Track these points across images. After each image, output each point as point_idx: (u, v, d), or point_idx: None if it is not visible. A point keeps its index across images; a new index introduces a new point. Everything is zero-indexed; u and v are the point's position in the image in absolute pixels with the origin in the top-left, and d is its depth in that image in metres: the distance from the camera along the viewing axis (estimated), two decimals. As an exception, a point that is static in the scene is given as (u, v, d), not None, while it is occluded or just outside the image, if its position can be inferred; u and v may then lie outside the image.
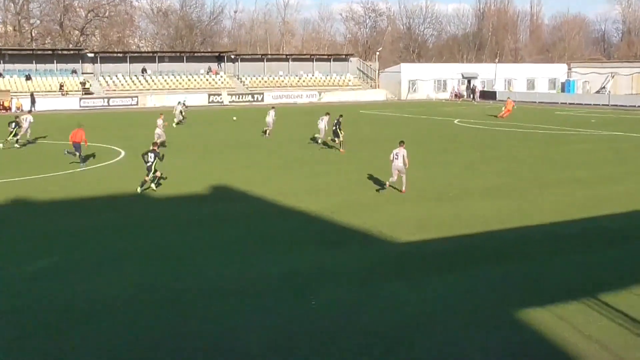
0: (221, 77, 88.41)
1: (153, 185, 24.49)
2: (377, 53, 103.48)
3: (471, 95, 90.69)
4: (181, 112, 52.01)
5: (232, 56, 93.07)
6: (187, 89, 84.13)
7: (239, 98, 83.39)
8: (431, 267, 15.16)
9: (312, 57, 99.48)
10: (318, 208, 21.12)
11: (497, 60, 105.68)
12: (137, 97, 78.65)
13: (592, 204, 21.81)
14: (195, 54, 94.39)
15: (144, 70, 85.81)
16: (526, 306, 12.58)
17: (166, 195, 23.66)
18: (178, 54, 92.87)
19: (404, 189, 23.41)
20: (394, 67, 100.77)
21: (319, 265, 15.34)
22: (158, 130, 36.29)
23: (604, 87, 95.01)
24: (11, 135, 37.97)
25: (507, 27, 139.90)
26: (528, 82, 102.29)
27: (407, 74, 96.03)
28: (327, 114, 38.64)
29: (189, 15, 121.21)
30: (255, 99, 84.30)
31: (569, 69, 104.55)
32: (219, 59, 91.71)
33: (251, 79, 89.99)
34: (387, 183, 23.64)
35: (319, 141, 37.49)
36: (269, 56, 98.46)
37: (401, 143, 23.69)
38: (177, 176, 27.26)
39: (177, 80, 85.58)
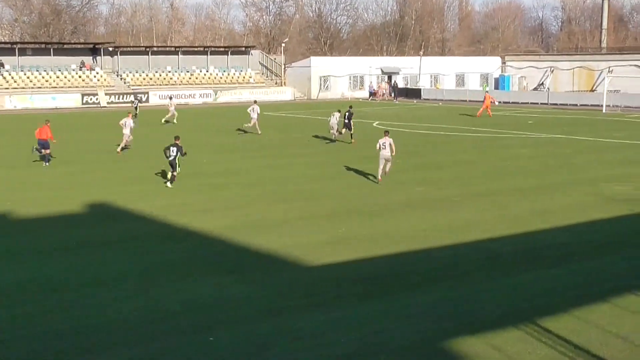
0: (97, 73, 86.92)
1: (168, 184, 28.19)
2: (283, 45, 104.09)
3: (392, 93, 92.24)
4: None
5: (110, 48, 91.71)
6: (56, 87, 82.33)
7: (119, 98, 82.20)
8: (349, 295, 15.34)
9: (206, 49, 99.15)
10: (216, 227, 21.07)
11: (421, 52, 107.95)
12: (-8, 97, 76.52)
13: (531, 217, 22.55)
14: (65, 46, 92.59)
15: (0, 65, 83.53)
16: (458, 336, 12.89)
17: (32, 216, 23.12)
18: (43, 46, 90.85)
19: (380, 177, 28.51)
20: (303, 61, 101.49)
21: (217, 295, 15.30)
22: (126, 131, 38.61)
23: (542, 84, 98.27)
24: None
25: (432, 15, 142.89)
26: (457, 78, 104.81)
27: (318, 69, 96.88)
28: (338, 110, 44.30)
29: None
30: (138, 100, 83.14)
31: (503, 62, 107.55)
32: (94, 51, 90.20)
33: (133, 75, 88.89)
34: (379, 178, 28.56)
35: (334, 137, 42.69)
36: (155, 49, 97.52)
37: (386, 133, 28.97)
38: (46, 193, 26.65)
39: (43, 77, 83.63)
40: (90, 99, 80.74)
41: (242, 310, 14.33)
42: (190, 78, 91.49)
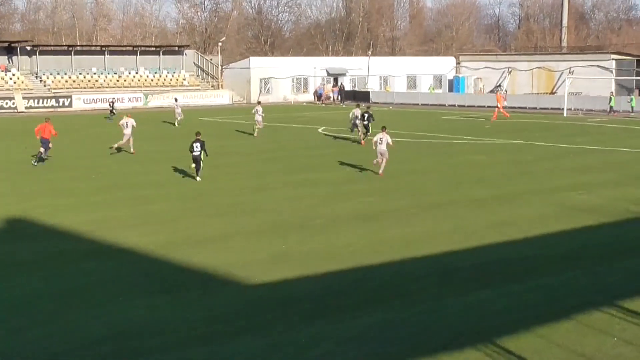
0: (13, 75, 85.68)
1: (198, 178, 31.91)
2: (220, 44, 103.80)
3: (338, 97, 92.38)
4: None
5: (28, 48, 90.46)
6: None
7: (38, 102, 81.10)
8: (291, 316, 15.29)
9: (135, 49, 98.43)
10: (146, 243, 20.89)
11: (370, 52, 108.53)
12: None
13: (489, 229, 22.76)
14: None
15: None
16: None
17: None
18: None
19: (381, 172, 32.50)
20: (242, 61, 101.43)
21: (148, 319, 15.15)
22: (127, 131, 40.75)
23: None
24: None
25: (381, 12, 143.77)
26: (409, 80, 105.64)
27: (259, 71, 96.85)
28: (358, 105, 48.78)
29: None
30: (60, 104, 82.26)
31: (458, 62, 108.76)
32: (10, 51, 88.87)
33: (54, 77, 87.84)
34: (380, 173, 32.53)
35: (362, 138, 45.43)
36: (78, 48, 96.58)
37: (383, 128, 33.34)
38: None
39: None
40: (6, 104, 79.46)
41: (175, 335, 14.18)
42: (118, 80, 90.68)
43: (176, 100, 67.69)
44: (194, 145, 31.93)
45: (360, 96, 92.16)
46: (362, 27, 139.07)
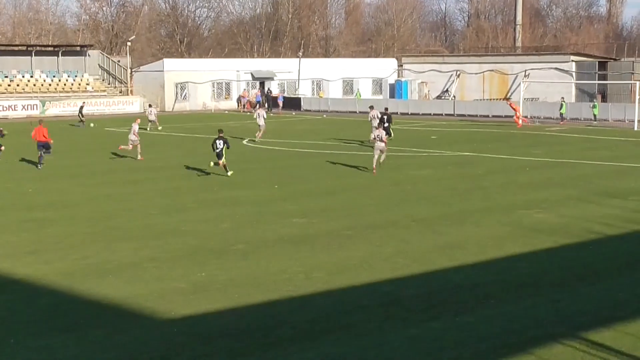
0: None
1: (228, 173, 37.28)
2: (129, 44, 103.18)
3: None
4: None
5: None
6: None
7: None
8: (213, 354, 15.25)
9: (29, 49, 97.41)
10: (46, 273, 20.66)
11: (300, 53, 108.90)
12: None
13: (437, 253, 22.94)
14: None
15: None
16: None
17: None
18: None
19: (374, 168, 37.98)
20: (154, 64, 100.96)
21: (49, 361, 14.97)
22: (132, 136, 44.47)
23: (447, 91, 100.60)
24: None
25: (313, 7, 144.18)
26: (345, 84, 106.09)
27: (174, 74, 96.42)
28: (372, 107, 55.09)
29: None
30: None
31: (400, 65, 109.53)
32: None
33: None
34: (374, 168, 38.08)
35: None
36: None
37: (381, 124, 42.21)
38: None
39: None
40: None
41: (78, 379, 14.03)
42: (9, 85, 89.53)
43: (150, 105, 70.60)
44: (217, 142, 37.54)
45: (290, 103, 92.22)
46: (291, 24, 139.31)
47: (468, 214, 28.73)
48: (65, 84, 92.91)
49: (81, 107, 73.43)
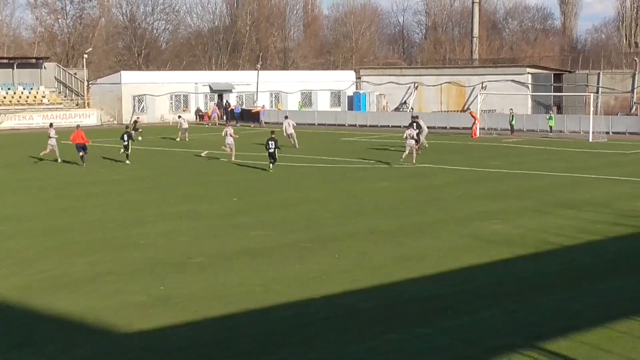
0: None
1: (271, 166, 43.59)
2: (86, 56, 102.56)
3: (224, 117, 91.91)
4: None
5: None
6: None
7: None
8: (174, 368, 15.18)
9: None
10: (1, 288, 20.46)
11: (259, 66, 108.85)
12: None
13: (394, 265, 22.99)
14: None
15: None
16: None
17: None
18: None
19: (403, 157, 46.23)
20: (112, 76, 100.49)
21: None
22: (228, 140, 49.44)
23: (405, 102, 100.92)
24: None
25: (271, 20, 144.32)
26: (304, 97, 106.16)
27: (132, 87, 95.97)
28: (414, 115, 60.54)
29: None
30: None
31: (358, 77, 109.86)
32: None
33: None
34: (402, 158, 46.08)
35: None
36: None
37: (411, 125, 49.49)
38: None
39: None
40: None
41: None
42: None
43: (180, 116, 71.67)
44: (269, 142, 43.69)
45: (249, 115, 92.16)
46: (249, 37, 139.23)
47: (426, 225, 28.85)
48: (20, 97, 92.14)
49: (135, 122, 70.60)
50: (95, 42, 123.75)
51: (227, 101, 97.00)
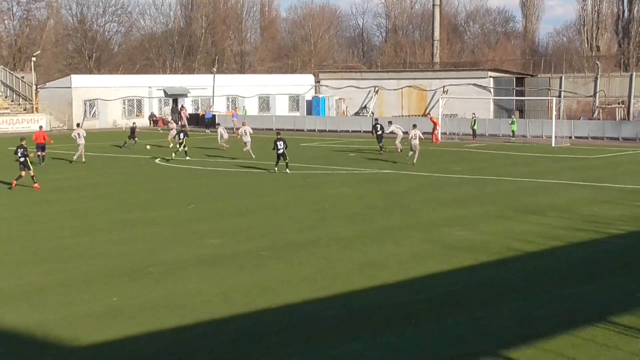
0: None
1: (287, 170, 45.02)
2: (34, 59, 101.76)
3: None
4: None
5: None
6: None
7: None
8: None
9: None
10: (-53, 300, 20.25)
11: (215, 69, 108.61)
12: None
13: (357, 272, 23.00)
14: None
15: None
16: None
17: None
18: None
19: (415, 161, 49.28)
20: (61, 80, 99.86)
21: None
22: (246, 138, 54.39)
23: (365, 107, 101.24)
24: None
25: (227, 22, 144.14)
26: (261, 101, 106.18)
27: (82, 91, 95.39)
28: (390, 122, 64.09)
29: None
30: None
31: (317, 81, 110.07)
32: None
33: None
34: (408, 158, 50.23)
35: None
36: None
37: (414, 126, 51.37)
38: None
39: None
40: None
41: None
42: None
43: (219, 124, 72.24)
44: (278, 143, 45.17)
45: (204, 120, 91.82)
46: (205, 39, 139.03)
47: (388, 231, 28.91)
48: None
49: (133, 129, 68.34)
50: (44, 44, 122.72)
51: (182, 105, 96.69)
